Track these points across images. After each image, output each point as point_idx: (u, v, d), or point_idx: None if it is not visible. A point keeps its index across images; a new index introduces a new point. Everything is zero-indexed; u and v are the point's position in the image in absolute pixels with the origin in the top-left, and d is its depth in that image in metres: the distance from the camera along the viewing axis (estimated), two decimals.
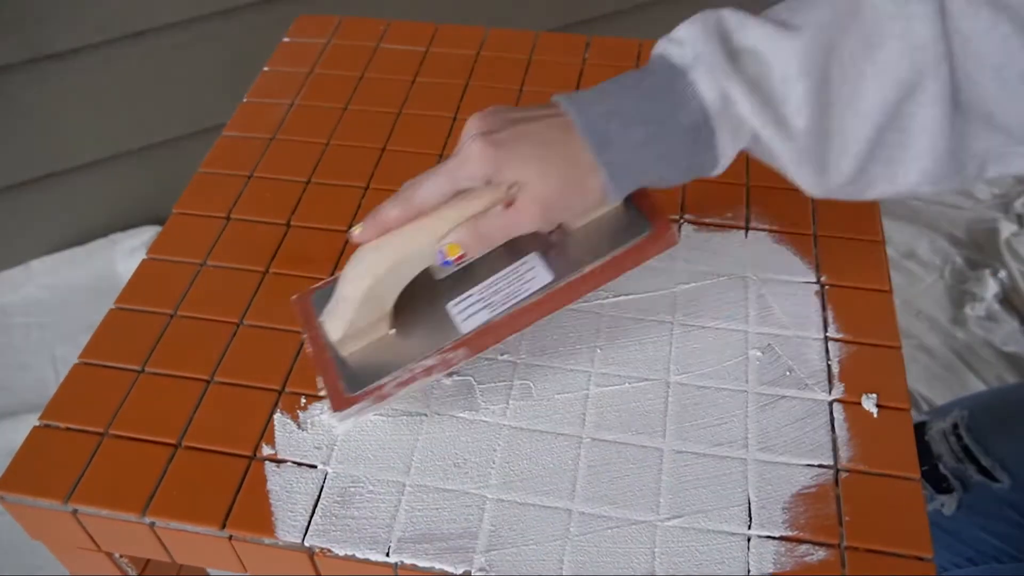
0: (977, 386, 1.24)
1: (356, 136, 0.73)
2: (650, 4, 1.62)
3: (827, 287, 0.60)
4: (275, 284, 0.62)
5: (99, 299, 1.34)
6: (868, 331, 0.57)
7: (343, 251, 0.63)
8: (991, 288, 1.33)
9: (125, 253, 1.43)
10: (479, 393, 0.55)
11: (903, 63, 0.44)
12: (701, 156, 0.47)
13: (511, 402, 0.54)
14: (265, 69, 0.81)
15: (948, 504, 0.72)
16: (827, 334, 0.57)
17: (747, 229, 0.64)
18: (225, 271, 0.63)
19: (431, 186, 0.48)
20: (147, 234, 1.45)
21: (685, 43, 0.46)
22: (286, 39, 0.84)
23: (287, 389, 0.55)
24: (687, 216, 0.65)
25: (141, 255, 0.75)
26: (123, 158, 1.40)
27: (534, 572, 0.47)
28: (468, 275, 0.52)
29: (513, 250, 0.51)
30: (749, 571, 0.47)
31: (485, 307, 0.51)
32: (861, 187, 0.48)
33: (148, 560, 0.59)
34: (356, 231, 0.49)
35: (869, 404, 0.53)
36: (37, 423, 0.54)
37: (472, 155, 0.47)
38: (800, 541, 0.48)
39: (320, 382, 0.52)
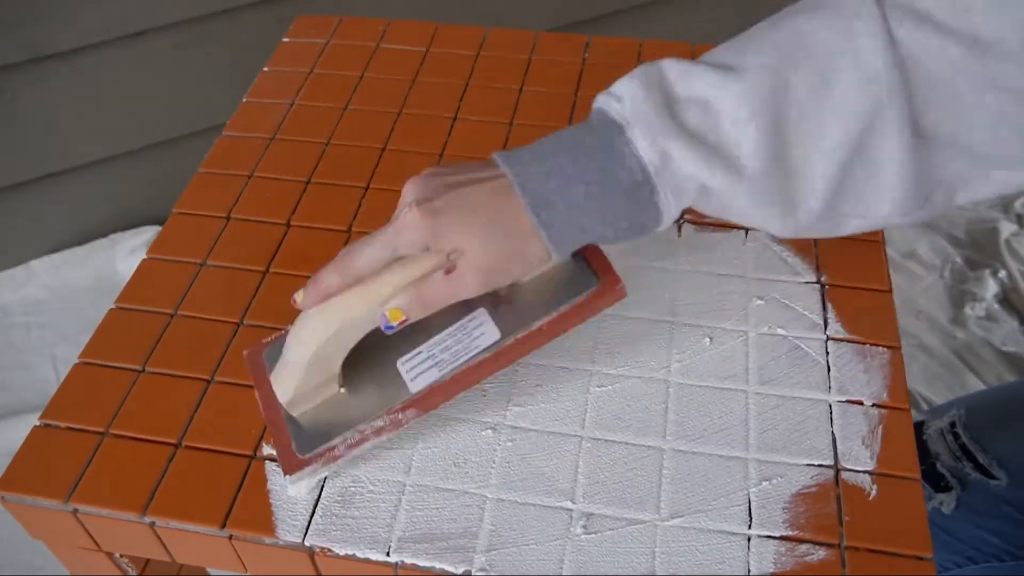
0: (977, 386, 1.24)
1: (356, 136, 0.73)
2: (650, 4, 1.62)
3: (827, 287, 0.60)
4: (275, 284, 0.62)
5: (99, 299, 1.34)
6: (868, 331, 0.57)
7: None
8: (991, 288, 1.33)
9: (125, 253, 1.43)
10: (479, 393, 0.55)
11: (859, 96, 0.43)
12: (643, 214, 0.47)
13: (511, 402, 0.54)
14: (265, 69, 0.81)
15: (946, 503, 0.72)
16: (827, 334, 0.57)
17: (747, 229, 0.64)
18: (225, 271, 0.63)
19: (369, 253, 0.48)
20: (147, 234, 1.45)
21: (624, 98, 0.46)
22: (286, 39, 0.84)
23: None
24: (687, 216, 0.65)
25: (141, 255, 0.75)
26: (123, 158, 1.40)
27: (534, 572, 0.47)
28: (419, 329, 0.51)
29: (462, 304, 0.50)
30: (749, 571, 0.47)
31: (434, 365, 0.50)
32: (833, 224, 0.48)
33: (148, 560, 0.59)
34: (298, 297, 0.49)
35: (869, 404, 0.53)
36: (37, 423, 0.54)
37: (409, 224, 0.46)
38: (800, 541, 0.48)
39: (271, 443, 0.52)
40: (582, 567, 0.47)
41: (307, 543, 0.49)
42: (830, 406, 0.53)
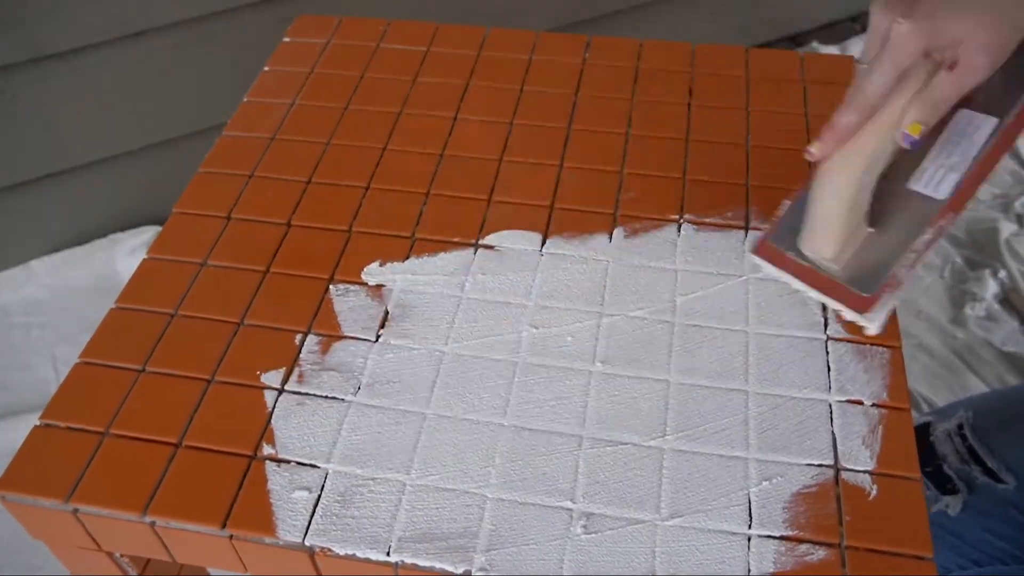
0: (977, 386, 1.24)
1: (356, 136, 0.73)
2: (650, 4, 1.62)
3: None
4: (275, 284, 0.62)
5: (99, 299, 1.34)
6: None
7: (343, 251, 0.63)
8: (991, 288, 1.33)
9: (125, 253, 1.43)
10: (480, 393, 0.55)
11: None
12: None
13: (511, 401, 0.54)
14: (265, 69, 0.81)
15: (953, 505, 0.72)
16: (827, 334, 0.57)
17: (747, 229, 0.64)
18: (225, 271, 0.63)
19: (878, 79, 0.50)
20: (147, 234, 1.45)
21: None
22: (286, 39, 0.84)
23: (287, 388, 0.55)
24: (687, 216, 0.65)
25: (141, 255, 0.75)
26: (123, 158, 1.40)
27: (534, 572, 0.47)
28: (906, 155, 0.53)
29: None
30: (750, 571, 0.47)
31: (949, 171, 0.53)
32: None
33: (148, 560, 0.59)
34: (814, 149, 0.52)
35: (869, 403, 0.53)
36: (37, 423, 0.54)
37: (904, 34, 0.49)
38: (800, 540, 0.48)
39: (829, 300, 0.55)
40: (582, 567, 0.47)
41: (307, 543, 0.49)
42: (830, 406, 0.53)
